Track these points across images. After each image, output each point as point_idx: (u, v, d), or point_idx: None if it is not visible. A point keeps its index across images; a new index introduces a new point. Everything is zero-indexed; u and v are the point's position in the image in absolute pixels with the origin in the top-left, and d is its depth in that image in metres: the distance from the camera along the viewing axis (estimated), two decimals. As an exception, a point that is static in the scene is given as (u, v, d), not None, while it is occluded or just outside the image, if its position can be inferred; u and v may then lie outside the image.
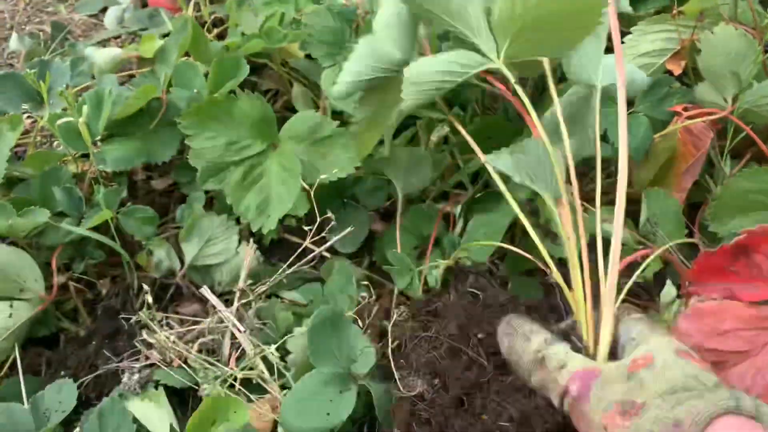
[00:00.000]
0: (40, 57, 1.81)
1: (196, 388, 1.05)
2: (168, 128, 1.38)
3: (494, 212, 1.24)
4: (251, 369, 0.97)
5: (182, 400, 1.17)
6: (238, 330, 1.02)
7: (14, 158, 1.40)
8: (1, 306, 1.12)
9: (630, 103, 1.36)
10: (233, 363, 1.03)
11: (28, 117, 1.60)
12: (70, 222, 1.22)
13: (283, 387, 0.96)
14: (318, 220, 1.22)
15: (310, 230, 1.14)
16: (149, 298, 1.04)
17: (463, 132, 1.14)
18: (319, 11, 1.31)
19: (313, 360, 0.95)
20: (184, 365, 1.08)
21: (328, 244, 1.13)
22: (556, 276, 0.96)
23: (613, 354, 0.87)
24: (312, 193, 1.24)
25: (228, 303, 1.16)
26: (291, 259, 1.25)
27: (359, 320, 1.13)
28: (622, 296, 0.97)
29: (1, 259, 1.13)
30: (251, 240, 1.19)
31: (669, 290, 1.08)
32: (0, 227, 1.14)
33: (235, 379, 1.01)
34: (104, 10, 2.20)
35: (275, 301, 1.21)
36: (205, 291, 1.11)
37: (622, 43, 1.30)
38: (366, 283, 1.30)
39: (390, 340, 1.13)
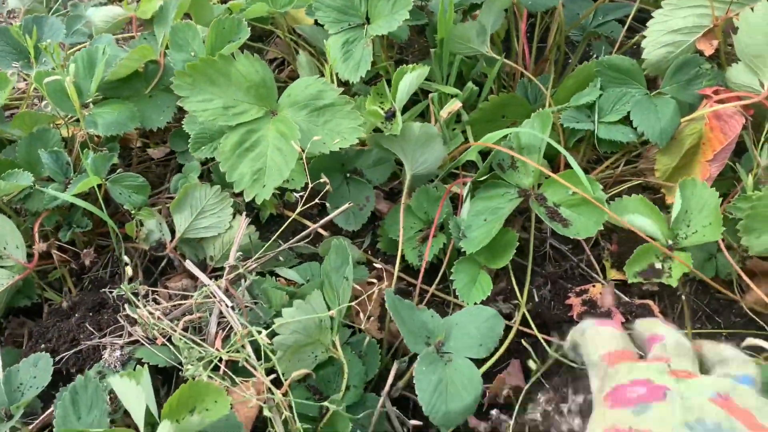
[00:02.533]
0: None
1: (181, 368, 0.98)
2: (164, 93, 1.32)
3: (498, 198, 1.16)
4: (237, 351, 0.91)
5: (167, 379, 1.11)
6: (226, 306, 0.95)
7: (4, 119, 1.34)
8: (-22, 272, 1.06)
9: (656, 83, 1.28)
10: (219, 343, 0.96)
11: (22, 77, 1.53)
12: (57, 188, 1.15)
13: (269, 372, 0.89)
14: (317, 194, 1.15)
15: (301, 197, 1.06)
16: (129, 270, 0.97)
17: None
18: (328, -26, 1.22)
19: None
20: (168, 344, 1.02)
21: (325, 219, 1.06)
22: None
23: None
24: (311, 166, 1.17)
25: (220, 279, 1.09)
26: (281, 230, 1.18)
27: (360, 309, 1.07)
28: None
29: (-19, 223, 1.07)
30: (244, 213, 1.12)
31: None
32: (-19, 190, 1.08)
33: (220, 361, 0.94)
34: (110, -29, 2.12)
35: (269, 279, 1.14)
36: (190, 265, 1.04)
37: (652, 17, 1.22)
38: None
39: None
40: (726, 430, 0.64)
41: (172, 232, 1.19)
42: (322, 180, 1.03)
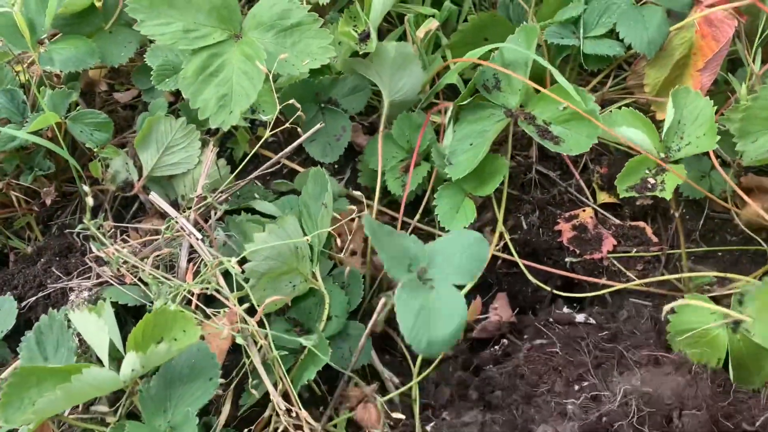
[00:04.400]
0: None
1: (152, 305, 0.93)
2: (125, 28, 1.24)
3: (484, 120, 1.10)
4: (209, 283, 0.86)
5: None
6: (195, 238, 0.90)
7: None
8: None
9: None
10: (190, 277, 0.92)
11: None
12: (13, 128, 1.09)
13: (242, 300, 0.84)
14: (291, 126, 1.10)
15: (269, 122, 1.00)
16: (90, 200, 0.91)
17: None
18: None
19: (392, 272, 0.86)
20: (139, 283, 0.97)
21: (296, 143, 1.00)
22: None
23: None
24: (283, 95, 1.11)
25: (188, 211, 1.04)
26: (257, 169, 1.12)
27: (338, 237, 1.02)
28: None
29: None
30: (211, 143, 1.06)
31: None
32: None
33: (192, 294, 0.90)
34: None
35: (245, 215, 1.09)
36: (154, 197, 0.98)
37: None
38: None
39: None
40: None
41: (140, 171, 1.13)
42: (291, 103, 0.96)
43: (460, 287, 0.90)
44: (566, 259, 1.17)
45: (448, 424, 0.88)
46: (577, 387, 0.84)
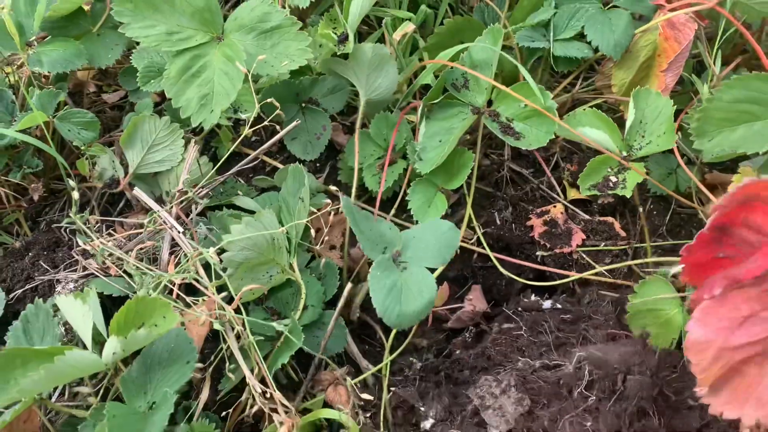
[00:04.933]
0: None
1: (135, 296, 0.97)
2: (112, 31, 1.28)
3: (452, 118, 1.15)
4: (188, 272, 0.90)
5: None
6: (177, 231, 0.94)
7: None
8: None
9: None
10: (172, 268, 0.95)
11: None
12: (2, 127, 1.12)
13: (220, 289, 0.88)
14: (272, 125, 1.14)
15: (247, 120, 1.05)
16: (75, 194, 0.95)
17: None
18: None
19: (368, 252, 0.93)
20: (123, 275, 1.01)
21: (275, 138, 1.04)
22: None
23: None
24: (264, 95, 1.15)
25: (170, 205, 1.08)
26: (242, 163, 1.17)
27: (313, 230, 1.06)
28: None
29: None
30: (193, 140, 1.10)
31: None
32: None
33: (173, 284, 0.94)
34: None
35: (226, 210, 1.13)
36: (138, 192, 1.02)
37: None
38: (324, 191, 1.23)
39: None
40: None
41: (126, 168, 1.17)
42: (270, 102, 1.01)
43: (432, 271, 0.95)
44: (537, 253, 1.22)
45: (410, 386, 0.93)
46: (538, 363, 0.89)
